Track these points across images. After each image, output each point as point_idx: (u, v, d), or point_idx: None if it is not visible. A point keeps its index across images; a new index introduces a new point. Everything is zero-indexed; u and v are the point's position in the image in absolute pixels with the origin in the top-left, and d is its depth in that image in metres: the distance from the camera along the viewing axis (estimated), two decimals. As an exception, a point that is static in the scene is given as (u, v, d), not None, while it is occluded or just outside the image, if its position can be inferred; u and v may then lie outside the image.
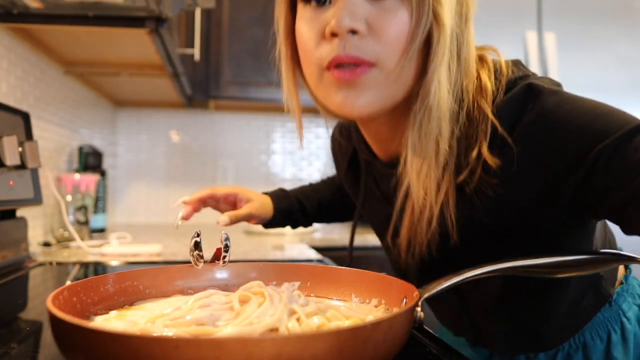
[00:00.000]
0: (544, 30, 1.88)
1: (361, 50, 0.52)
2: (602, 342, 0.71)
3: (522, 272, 0.51)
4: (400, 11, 0.52)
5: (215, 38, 1.96)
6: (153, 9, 1.05)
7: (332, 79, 0.54)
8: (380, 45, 0.53)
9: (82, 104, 1.78)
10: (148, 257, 1.23)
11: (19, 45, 1.25)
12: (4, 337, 0.55)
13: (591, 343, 0.71)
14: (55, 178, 1.49)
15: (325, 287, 0.59)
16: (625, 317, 0.72)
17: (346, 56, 0.52)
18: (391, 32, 0.52)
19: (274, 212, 0.94)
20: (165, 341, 0.32)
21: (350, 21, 0.51)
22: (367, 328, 0.35)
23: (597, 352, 0.71)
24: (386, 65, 0.53)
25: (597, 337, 0.71)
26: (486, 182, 0.55)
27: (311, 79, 0.58)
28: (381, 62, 0.53)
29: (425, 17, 0.52)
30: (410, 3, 0.52)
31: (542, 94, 0.54)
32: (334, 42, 0.53)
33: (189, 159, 2.35)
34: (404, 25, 0.52)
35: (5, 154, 0.95)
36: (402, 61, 0.53)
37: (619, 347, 0.70)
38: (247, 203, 0.88)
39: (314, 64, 0.56)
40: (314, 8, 0.56)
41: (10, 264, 1.02)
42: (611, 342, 0.70)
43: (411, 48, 0.53)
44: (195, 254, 0.58)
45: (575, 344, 0.71)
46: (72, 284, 0.48)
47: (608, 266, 0.53)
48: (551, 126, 0.52)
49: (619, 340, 0.71)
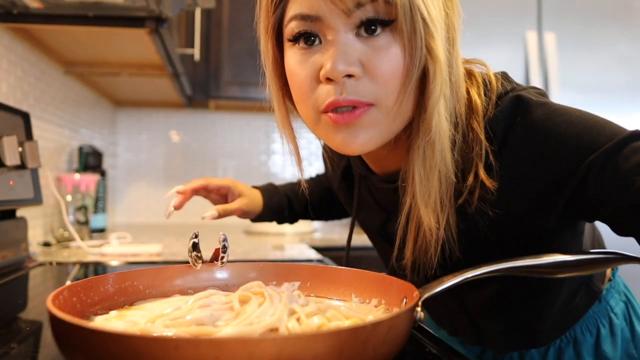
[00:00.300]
0: (544, 30, 1.88)
1: (358, 93, 0.52)
2: (592, 336, 0.73)
3: (522, 272, 0.51)
4: (393, 48, 0.51)
5: (215, 38, 1.96)
6: (153, 9, 1.05)
7: (330, 121, 0.54)
8: (377, 85, 0.52)
9: (82, 104, 1.78)
10: (148, 257, 1.23)
11: (19, 45, 1.25)
12: (4, 337, 0.55)
13: (581, 337, 0.72)
14: (55, 178, 1.49)
15: (325, 287, 0.59)
16: (613, 312, 0.74)
17: (344, 100, 0.52)
18: (386, 71, 0.52)
19: (263, 209, 0.94)
20: (165, 341, 0.32)
21: (345, 66, 0.51)
22: (367, 328, 0.35)
23: (588, 346, 0.72)
24: (384, 104, 0.53)
25: (587, 332, 0.72)
26: (485, 201, 0.56)
27: (307, 119, 0.58)
28: (379, 102, 0.53)
29: (419, 52, 0.51)
30: (402, 39, 0.51)
31: (530, 107, 0.54)
32: (329, 87, 0.52)
33: (189, 159, 2.35)
34: (398, 62, 0.52)
35: (5, 154, 0.95)
36: (400, 99, 0.53)
37: (608, 341, 0.72)
38: (239, 197, 0.89)
39: (310, 107, 0.55)
40: (302, 48, 0.55)
41: (10, 264, 1.02)
42: (600, 337, 0.72)
43: (408, 85, 0.52)
44: (193, 254, 0.58)
45: (566, 339, 0.73)
46: (72, 284, 0.48)
47: (609, 266, 0.53)
48: (541, 138, 0.53)
49: (607, 334, 0.73)
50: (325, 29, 0.52)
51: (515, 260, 0.51)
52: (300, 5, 0.53)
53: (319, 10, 0.51)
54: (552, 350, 0.73)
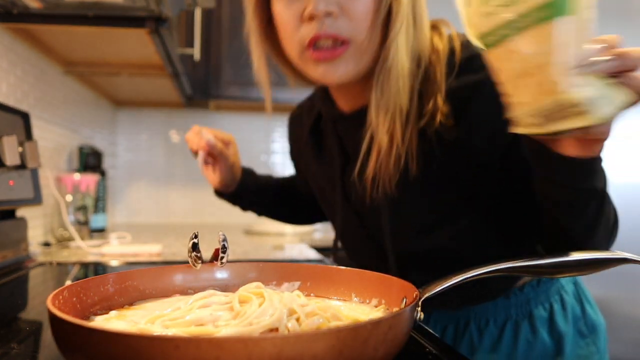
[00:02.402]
0: (544, 30, 1.88)
1: (336, 28, 0.63)
2: (546, 311, 0.79)
3: (522, 272, 0.51)
4: None
5: (215, 38, 1.96)
6: (153, 9, 1.05)
7: (313, 58, 0.65)
8: (352, 22, 0.64)
9: (82, 104, 1.78)
10: (148, 257, 1.23)
11: (19, 45, 1.25)
12: (4, 337, 0.55)
13: (536, 312, 0.78)
14: (55, 178, 1.49)
15: (325, 287, 0.59)
16: (564, 290, 0.81)
17: (324, 33, 0.63)
18: (360, 11, 0.64)
19: (238, 185, 0.97)
20: (165, 341, 0.32)
21: (325, 5, 0.62)
22: (367, 328, 0.35)
23: (542, 320, 0.78)
24: (358, 38, 0.64)
25: (541, 307, 0.79)
26: (444, 126, 0.65)
27: (293, 54, 0.69)
28: (354, 37, 0.64)
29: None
30: None
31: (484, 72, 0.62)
32: (312, 24, 0.64)
33: (189, 159, 2.34)
34: (369, 3, 0.64)
35: (5, 154, 0.95)
36: (370, 33, 0.65)
37: (560, 316, 0.79)
38: (234, 153, 0.93)
39: (296, 42, 0.67)
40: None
41: (10, 264, 1.02)
42: (554, 311, 0.78)
43: (376, 21, 0.64)
44: (193, 255, 0.58)
45: (522, 314, 0.78)
46: (72, 284, 0.48)
47: (609, 267, 0.53)
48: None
49: (560, 310, 0.79)
50: None
51: (515, 260, 0.51)
52: None
53: None
54: (509, 324, 0.78)
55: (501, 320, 0.79)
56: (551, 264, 0.50)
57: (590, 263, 0.51)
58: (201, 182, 2.34)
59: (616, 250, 0.52)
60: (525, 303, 0.79)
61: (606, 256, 0.51)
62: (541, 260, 0.51)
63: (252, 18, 0.74)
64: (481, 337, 0.80)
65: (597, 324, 0.81)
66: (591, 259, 0.51)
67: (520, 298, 0.79)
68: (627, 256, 0.51)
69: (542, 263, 0.50)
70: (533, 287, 0.79)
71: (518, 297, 0.79)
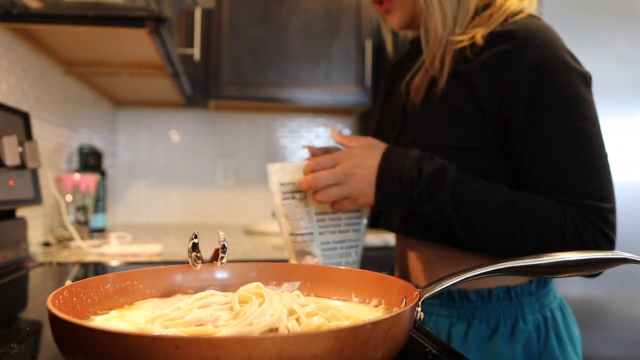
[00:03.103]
0: (544, 30, 1.88)
1: None
2: (488, 328, 0.76)
3: (522, 272, 0.51)
4: None
5: (215, 38, 1.96)
6: (153, 9, 1.05)
7: (378, 9, 0.88)
8: None
9: (82, 104, 1.78)
10: (148, 257, 1.23)
11: (19, 45, 1.25)
12: (4, 337, 0.55)
13: (477, 325, 0.76)
14: (55, 178, 1.49)
15: (325, 287, 0.59)
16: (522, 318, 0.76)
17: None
18: None
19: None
20: (165, 341, 0.32)
21: None
22: (367, 328, 0.35)
23: (480, 337, 0.76)
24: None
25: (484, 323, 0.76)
26: (469, 56, 0.75)
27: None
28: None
29: None
30: None
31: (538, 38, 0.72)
32: None
33: (189, 159, 2.35)
34: None
35: (5, 154, 0.95)
36: None
37: (504, 340, 0.75)
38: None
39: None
40: None
41: (10, 264, 1.02)
42: (497, 333, 0.76)
43: None
44: (193, 255, 0.58)
45: (463, 319, 0.77)
46: (72, 284, 0.48)
47: (609, 267, 0.53)
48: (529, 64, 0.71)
49: (507, 334, 0.75)
50: None
51: (515, 260, 0.51)
52: None
53: None
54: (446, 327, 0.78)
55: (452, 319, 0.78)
56: (551, 264, 0.50)
57: (590, 263, 0.51)
58: (201, 182, 2.34)
59: (616, 250, 0.52)
60: (471, 309, 0.77)
61: (606, 256, 0.51)
62: (541, 260, 0.51)
63: None
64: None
65: None
66: (591, 259, 0.51)
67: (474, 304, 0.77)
68: (627, 256, 0.51)
69: (542, 263, 0.50)
70: (499, 298, 0.76)
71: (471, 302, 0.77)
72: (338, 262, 0.79)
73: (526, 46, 0.72)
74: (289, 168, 0.78)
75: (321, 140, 2.43)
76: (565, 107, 0.70)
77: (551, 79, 0.71)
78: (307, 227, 0.78)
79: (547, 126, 0.70)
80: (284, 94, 2.00)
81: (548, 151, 0.70)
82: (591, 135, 0.70)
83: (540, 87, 0.71)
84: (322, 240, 0.79)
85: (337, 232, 0.80)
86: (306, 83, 2.00)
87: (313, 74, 1.99)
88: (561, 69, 0.71)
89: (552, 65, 0.71)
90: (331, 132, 0.83)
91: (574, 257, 0.51)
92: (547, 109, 0.71)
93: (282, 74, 2.00)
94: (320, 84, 2.00)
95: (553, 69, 0.71)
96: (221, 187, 2.35)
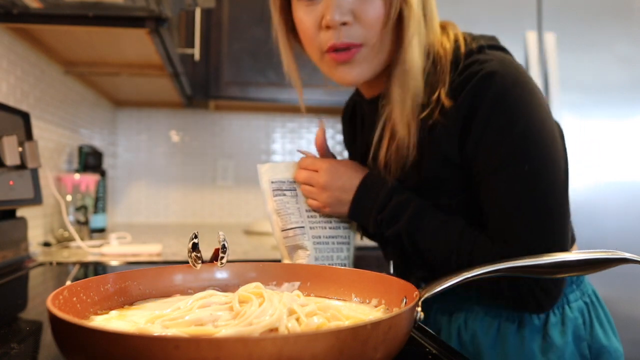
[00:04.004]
0: (544, 30, 1.88)
1: (351, 36, 0.70)
2: (539, 319, 0.75)
3: (522, 272, 0.51)
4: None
5: (215, 38, 1.96)
6: (153, 9, 1.05)
7: (331, 60, 0.73)
8: (365, 29, 0.70)
9: (82, 104, 1.78)
10: (148, 257, 1.23)
11: (19, 45, 1.25)
12: (4, 337, 0.55)
13: (528, 318, 0.75)
14: (55, 178, 1.49)
15: (325, 287, 0.59)
16: (568, 305, 0.77)
17: (341, 43, 0.70)
18: (371, 17, 0.70)
19: None
20: (165, 341, 0.32)
21: (340, 16, 0.69)
22: (367, 328, 0.35)
23: (533, 327, 0.75)
24: (370, 42, 0.71)
25: (534, 315, 0.75)
26: (441, 121, 0.71)
27: (313, 57, 0.77)
28: (367, 42, 0.71)
29: (395, 0, 0.69)
30: None
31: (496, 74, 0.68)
32: (329, 32, 0.71)
33: (189, 159, 2.35)
34: (380, 9, 0.70)
35: (5, 154, 0.95)
36: (381, 36, 0.71)
37: (556, 329, 0.75)
38: None
39: (315, 47, 0.74)
40: (306, 1, 0.72)
41: (10, 264, 1.02)
42: (549, 322, 0.75)
43: (387, 26, 0.70)
44: (193, 255, 0.58)
45: (512, 317, 0.76)
46: (72, 284, 0.48)
47: (609, 267, 0.53)
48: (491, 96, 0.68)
49: (557, 322, 0.75)
50: None
51: (515, 260, 0.51)
52: None
53: None
54: (496, 323, 0.76)
55: (490, 318, 0.77)
56: (551, 264, 0.51)
57: (590, 263, 0.51)
58: (201, 183, 2.34)
59: (616, 250, 0.52)
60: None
61: (606, 256, 0.51)
62: (541, 260, 0.51)
63: (277, 23, 0.80)
64: (465, 332, 0.78)
65: (604, 350, 0.75)
66: (591, 259, 0.51)
67: None
68: (627, 256, 0.51)
69: (542, 263, 0.51)
70: None
71: None
72: (330, 257, 0.80)
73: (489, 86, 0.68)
74: (278, 167, 0.82)
75: (321, 140, 2.42)
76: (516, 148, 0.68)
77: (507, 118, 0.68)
78: (298, 221, 0.80)
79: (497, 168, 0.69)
80: (284, 95, 2.00)
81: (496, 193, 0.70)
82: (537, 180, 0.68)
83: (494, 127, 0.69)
84: (314, 234, 0.80)
85: (328, 227, 0.82)
86: (306, 83, 1.99)
87: (313, 75, 1.99)
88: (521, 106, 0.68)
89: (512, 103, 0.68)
90: (317, 133, 0.85)
91: (574, 257, 0.51)
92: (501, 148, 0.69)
93: (282, 75, 1.97)
94: (320, 85, 1.99)
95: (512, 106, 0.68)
96: (221, 187, 2.35)
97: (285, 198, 0.81)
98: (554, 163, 0.68)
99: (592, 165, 1.86)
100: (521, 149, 0.67)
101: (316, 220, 0.81)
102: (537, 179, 0.67)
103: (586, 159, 1.86)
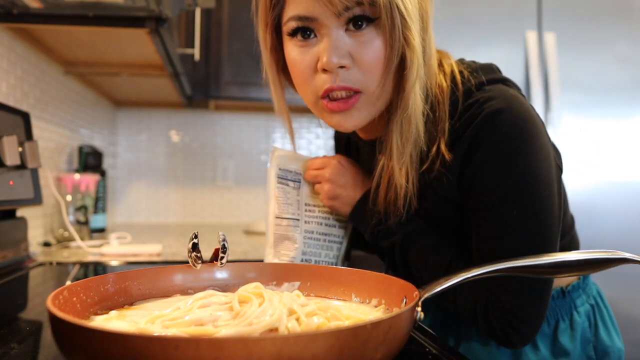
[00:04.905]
0: (544, 30, 1.88)
1: (349, 80, 0.63)
2: (549, 327, 0.76)
3: (522, 272, 0.51)
4: (376, 41, 0.62)
5: (215, 38, 1.96)
6: (153, 9, 1.05)
7: (327, 107, 0.65)
8: (363, 73, 0.63)
9: (82, 104, 1.78)
10: (148, 257, 1.23)
11: (19, 45, 1.25)
12: (4, 337, 0.55)
13: None
14: (55, 178, 1.49)
15: (325, 287, 0.59)
16: (576, 310, 0.78)
17: (338, 87, 0.63)
18: (371, 61, 0.63)
19: None
20: (165, 341, 0.32)
21: (338, 59, 0.62)
22: (367, 328, 0.35)
23: (543, 334, 0.75)
24: (370, 89, 0.64)
25: (544, 322, 0.74)
26: (441, 172, 0.67)
27: (307, 101, 0.70)
28: (366, 88, 0.64)
29: (397, 43, 0.62)
30: (384, 32, 0.62)
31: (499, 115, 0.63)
32: (325, 76, 0.64)
33: (189, 159, 2.35)
34: (380, 52, 0.63)
35: (5, 154, 0.95)
36: (382, 82, 0.64)
37: (566, 334, 0.76)
38: None
39: (310, 91, 0.67)
40: (300, 41, 0.65)
41: (10, 264, 1.02)
42: (559, 328, 0.76)
43: (389, 70, 0.63)
44: (193, 255, 0.58)
45: None
46: (72, 284, 0.48)
47: (609, 266, 0.53)
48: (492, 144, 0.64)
49: (567, 328, 0.76)
50: (319, 26, 0.63)
51: (515, 260, 0.51)
52: (297, 8, 0.63)
53: (314, 12, 0.62)
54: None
55: None
56: (551, 264, 0.51)
57: (590, 263, 0.51)
58: (201, 183, 2.34)
59: (616, 250, 0.52)
60: None
61: (606, 256, 0.51)
62: (541, 260, 0.51)
63: (268, 64, 0.75)
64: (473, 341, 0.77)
65: (609, 350, 0.77)
66: (591, 259, 0.51)
67: None
68: (627, 256, 0.51)
69: (542, 263, 0.50)
70: (554, 299, 0.76)
71: None
72: (318, 253, 0.80)
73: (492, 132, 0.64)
74: (291, 157, 0.83)
75: (321, 141, 2.43)
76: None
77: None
78: (295, 213, 0.81)
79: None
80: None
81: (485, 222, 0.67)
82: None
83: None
84: (307, 229, 0.80)
85: (325, 224, 0.82)
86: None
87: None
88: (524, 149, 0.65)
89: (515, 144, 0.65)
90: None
91: (574, 257, 0.51)
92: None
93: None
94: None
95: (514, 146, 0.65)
96: (221, 187, 2.35)
97: (288, 188, 0.82)
98: (549, 206, 0.64)
99: (592, 165, 1.86)
100: (519, 190, 0.63)
101: (313, 215, 0.82)
102: (528, 221, 0.63)
103: (586, 159, 1.86)
